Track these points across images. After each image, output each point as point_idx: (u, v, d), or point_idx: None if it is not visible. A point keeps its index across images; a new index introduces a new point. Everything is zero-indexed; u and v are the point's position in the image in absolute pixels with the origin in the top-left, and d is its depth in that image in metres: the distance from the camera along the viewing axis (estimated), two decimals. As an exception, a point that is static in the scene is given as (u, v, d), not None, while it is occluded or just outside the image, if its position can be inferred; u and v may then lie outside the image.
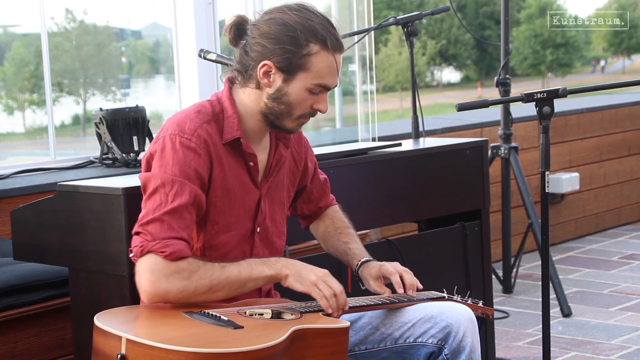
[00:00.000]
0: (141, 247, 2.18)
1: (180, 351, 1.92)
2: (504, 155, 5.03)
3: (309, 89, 2.32)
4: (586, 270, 5.55)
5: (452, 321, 2.35)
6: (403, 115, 28.90)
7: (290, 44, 2.28)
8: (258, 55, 2.31)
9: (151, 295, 2.17)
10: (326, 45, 2.30)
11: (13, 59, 21.09)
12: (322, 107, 2.36)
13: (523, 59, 38.89)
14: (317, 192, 2.68)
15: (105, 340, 2.02)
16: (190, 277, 2.18)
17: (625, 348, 4.11)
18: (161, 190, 2.22)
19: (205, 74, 4.88)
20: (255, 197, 2.41)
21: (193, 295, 2.19)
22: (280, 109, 2.34)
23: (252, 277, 2.24)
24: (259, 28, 2.32)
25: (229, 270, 2.22)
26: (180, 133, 2.27)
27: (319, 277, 2.27)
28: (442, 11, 4.38)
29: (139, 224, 2.21)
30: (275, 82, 2.32)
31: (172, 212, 2.20)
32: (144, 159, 2.32)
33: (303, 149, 2.60)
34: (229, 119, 2.35)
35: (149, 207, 2.22)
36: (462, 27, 37.51)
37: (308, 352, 2.11)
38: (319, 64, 2.30)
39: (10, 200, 3.72)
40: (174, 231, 2.19)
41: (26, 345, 3.21)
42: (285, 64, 2.29)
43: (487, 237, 3.58)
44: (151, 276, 2.16)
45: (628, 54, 41.26)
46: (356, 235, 2.65)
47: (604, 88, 2.93)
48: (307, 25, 2.29)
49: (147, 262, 2.17)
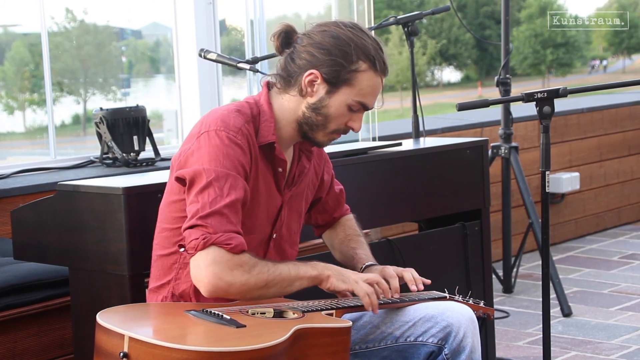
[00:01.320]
0: (204, 239, 2.16)
1: (182, 350, 1.92)
2: (504, 155, 5.03)
3: (349, 104, 2.34)
4: (586, 270, 5.55)
5: (452, 321, 2.35)
6: (403, 115, 28.90)
7: (340, 57, 2.30)
8: (306, 63, 2.33)
9: (214, 287, 2.16)
10: (374, 66, 2.33)
11: (13, 58, 21.06)
12: (356, 126, 2.38)
13: (523, 58, 38.88)
14: (332, 203, 2.69)
15: (107, 339, 2.02)
16: (250, 271, 2.19)
17: (626, 348, 4.11)
18: (215, 184, 2.20)
19: (206, 73, 4.88)
20: (277, 203, 2.42)
21: (252, 289, 2.20)
22: (318, 120, 2.35)
23: (299, 276, 2.27)
24: (311, 37, 2.34)
25: (281, 268, 2.25)
26: (226, 129, 2.26)
27: (359, 276, 2.32)
28: (443, 11, 4.38)
29: (197, 217, 2.18)
30: (318, 92, 2.34)
31: (230, 206, 2.19)
32: (182, 154, 2.29)
33: (322, 161, 2.62)
34: (266, 123, 2.35)
35: (204, 200, 2.19)
36: (462, 27, 37.52)
37: (310, 351, 2.11)
38: (364, 82, 2.33)
39: (10, 200, 3.72)
40: (233, 225, 2.19)
41: (26, 345, 3.21)
42: (332, 75, 2.31)
43: (488, 236, 3.58)
44: (216, 268, 2.15)
45: (628, 53, 41.26)
46: (366, 243, 2.66)
47: (604, 88, 2.93)
48: (359, 43, 2.32)
49: (211, 254, 2.16)
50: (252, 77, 5.05)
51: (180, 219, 2.28)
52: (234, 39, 7.14)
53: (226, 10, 5.38)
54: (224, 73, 5.17)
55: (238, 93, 7.61)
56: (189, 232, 2.19)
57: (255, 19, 5.05)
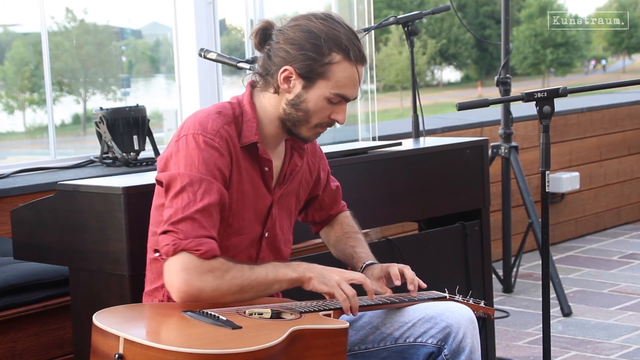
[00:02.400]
0: (174, 245, 2.16)
1: (177, 352, 1.91)
2: (504, 154, 5.03)
3: (327, 97, 2.32)
4: (586, 270, 5.55)
5: (452, 322, 2.34)
6: (403, 114, 28.90)
7: (312, 51, 2.29)
8: (280, 60, 2.32)
9: (185, 294, 2.16)
10: (348, 56, 2.30)
11: (13, 58, 21.06)
12: (340, 117, 2.36)
13: (523, 58, 38.88)
14: (328, 200, 2.68)
15: (103, 340, 2.02)
16: (223, 276, 2.17)
17: (626, 347, 4.11)
18: (189, 189, 2.20)
19: (206, 73, 4.88)
20: (267, 202, 2.41)
21: (225, 295, 2.18)
22: (298, 115, 2.34)
23: (277, 279, 2.24)
24: (284, 33, 2.33)
25: (257, 272, 2.22)
26: (203, 132, 2.26)
27: (341, 277, 2.28)
28: (443, 10, 4.38)
29: (169, 223, 2.18)
30: (294, 88, 2.32)
31: (202, 211, 2.19)
32: (161, 158, 2.30)
33: (317, 159, 2.61)
34: (248, 123, 2.35)
35: (178, 205, 2.19)
36: (462, 27, 37.51)
37: (307, 352, 2.11)
38: (340, 74, 2.30)
39: (10, 200, 3.72)
40: (206, 230, 2.18)
41: (25, 345, 3.21)
42: (305, 70, 2.30)
43: (488, 236, 3.58)
44: (185, 274, 2.14)
45: (628, 53, 41.26)
46: (364, 240, 2.65)
47: (604, 87, 2.93)
48: (331, 35, 2.29)
49: (181, 260, 2.15)
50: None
51: None
52: (234, 39, 7.14)
53: (226, 10, 5.38)
54: (224, 73, 5.17)
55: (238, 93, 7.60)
56: (162, 237, 2.19)
57: (255, 18, 5.05)
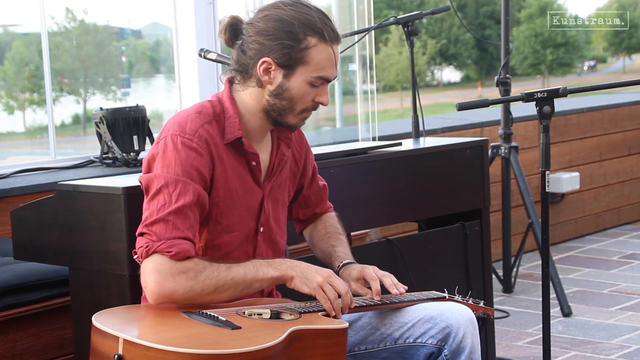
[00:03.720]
0: (146, 247, 2.17)
1: (176, 352, 1.91)
2: (504, 154, 5.03)
3: (309, 82, 2.32)
4: (586, 270, 5.55)
5: (452, 322, 2.34)
6: (403, 114, 28.90)
7: (288, 39, 2.28)
8: (256, 53, 2.31)
9: (157, 295, 2.16)
10: (324, 37, 2.30)
11: (13, 58, 21.07)
12: (324, 99, 2.36)
13: (523, 58, 38.88)
14: (314, 198, 2.67)
15: (102, 341, 2.02)
16: (196, 277, 2.17)
17: (626, 348, 4.11)
18: (165, 191, 2.21)
19: (206, 73, 4.88)
20: (258, 196, 2.41)
21: (199, 295, 2.18)
22: (283, 104, 2.34)
23: (257, 278, 2.24)
24: (255, 26, 2.32)
25: (234, 271, 2.22)
26: (181, 133, 2.26)
27: (325, 279, 2.26)
28: (443, 10, 4.38)
29: (143, 225, 2.20)
30: (276, 79, 2.32)
31: (176, 212, 2.19)
32: (145, 160, 2.31)
33: (304, 149, 2.60)
34: (230, 119, 2.34)
35: (153, 207, 2.20)
36: (462, 27, 37.50)
37: (306, 352, 2.11)
38: (318, 57, 2.30)
39: (10, 200, 3.72)
40: (179, 231, 2.19)
41: (26, 345, 3.21)
42: (284, 59, 2.29)
43: (487, 236, 3.58)
44: (157, 276, 2.15)
45: (628, 53, 41.26)
46: (346, 241, 2.64)
47: (604, 87, 2.93)
48: (303, 19, 2.29)
49: (153, 262, 2.16)
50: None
51: None
52: (234, 39, 7.13)
53: (226, 10, 5.38)
54: (224, 73, 5.17)
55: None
56: (138, 239, 2.21)
57: (255, 18, 5.04)
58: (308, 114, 2.39)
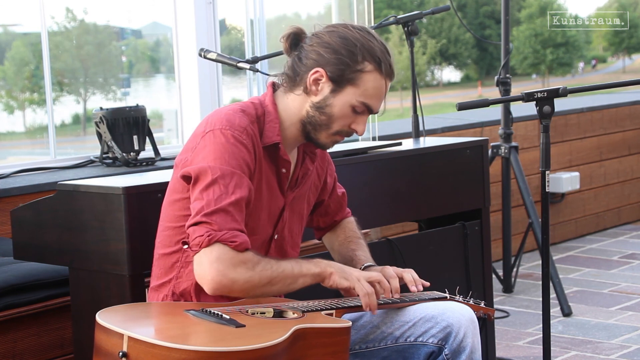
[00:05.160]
0: (209, 236, 2.16)
1: (181, 349, 1.91)
2: (504, 154, 5.03)
3: (353, 105, 2.34)
4: (586, 270, 5.55)
5: (452, 321, 2.35)
6: (403, 114, 28.89)
7: (346, 57, 2.31)
8: (313, 62, 2.34)
9: (218, 284, 2.17)
10: (380, 68, 2.33)
11: (13, 58, 21.07)
12: (360, 128, 2.38)
13: (523, 58, 38.89)
14: (334, 206, 2.69)
15: (107, 338, 2.02)
16: (254, 268, 2.19)
17: (626, 347, 4.11)
18: (221, 182, 2.20)
19: (206, 73, 4.88)
20: (280, 204, 2.42)
21: (255, 286, 2.21)
22: (321, 119, 2.35)
23: (302, 273, 2.27)
24: (320, 37, 2.35)
25: (284, 265, 2.25)
26: (231, 128, 2.27)
27: (361, 275, 2.32)
28: (443, 10, 4.38)
29: (202, 214, 2.18)
30: (323, 91, 2.34)
31: (235, 204, 2.20)
32: (185, 155, 2.29)
33: (325, 164, 2.62)
34: (271, 123, 2.36)
35: (209, 197, 2.19)
36: (462, 27, 37.51)
37: (309, 351, 2.11)
38: (369, 83, 2.33)
39: (10, 200, 3.72)
40: (238, 223, 2.20)
41: (26, 345, 3.21)
42: (337, 74, 2.32)
43: (488, 236, 3.58)
44: (220, 265, 2.16)
45: (628, 53, 41.27)
46: (366, 245, 2.66)
47: (604, 87, 2.93)
48: (366, 45, 2.32)
49: (215, 251, 2.16)
50: (252, 77, 5.05)
51: (183, 217, 2.28)
52: (234, 39, 7.15)
53: (226, 10, 5.38)
54: (224, 73, 5.17)
55: (238, 93, 7.61)
56: (193, 229, 2.19)
57: (255, 18, 5.05)
58: (340, 138, 2.41)
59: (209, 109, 4.80)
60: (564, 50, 39.09)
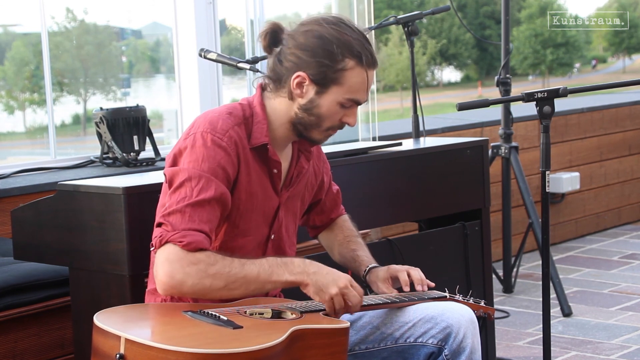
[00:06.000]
0: (160, 237, 2.17)
1: (178, 351, 1.91)
2: (505, 154, 5.03)
3: (340, 102, 2.33)
4: (586, 270, 5.55)
5: (452, 322, 2.35)
6: (403, 114, 28.90)
7: (325, 58, 2.29)
8: (292, 65, 2.32)
9: (167, 285, 2.16)
10: (361, 61, 2.31)
11: (13, 58, 21.08)
12: (351, 120, 2.37)
13: (523, 58, 38.88)
14: (329, 204, 2.69)
15: (104, 340, 2.02)
16: (207, 270, 2.16)
17: (626, 348, 4.11)
18: (187, 185, 2.21)
19: (206, 73, 4.88)
20: (274, 204, 2.42)
21: (208, 289, 2.17)
22: (311, 120, 2.35)
23: (270, 280, 2.22)
24: (295, 39, 2.33)
25: (248, 269, 2.20)
26: (212, 131, 2.27)
27: (340, 289, 2.24)
28: (443, 10, 4.38)
29: (161, 215, 2.20)
30: (307, 94, 2.33)
31: (194, 205, 2.19)
32: (170, 154, 2.31)
33: (322, 163, 2.62)
34: (259, 124, 2.35)
35: (173, 199, 2.21)
36: (462, 27, 37.51)
37: (308, 352, 2.11)
38: (353, 79, 2.32)
39: (10, 200, 3.72)
40: (194, 223, 2.18)
41: (26, 345, 3.21)
42: (319, 77, 2.31)
43: (488, 236, 3.58)
44: (168, 266, 2.15)
45: (628, 53, 41.26)
46: (364, 244, 2.66)
47: (604, 88, 2.92)
48: (343, 40, 2.30)
49: (165, 252, 2.16)
50: (252, 77, 5.05)
51: None
52: (234, 39, 7.15)
53: (226, 10, 5.38)
54: (224, 73, 5.17)
55: (238, 93, 7.61)
56: (154, 230, 2.21)
57: (255, 18, 5.05)
58: (333, 132, 2.40)
59: (208, 109, 4.79)
60: (564, 51, 39.08)
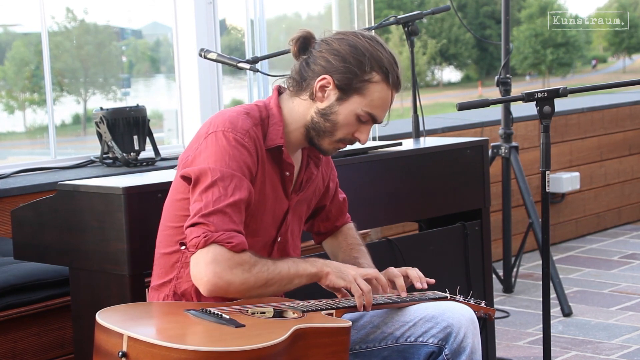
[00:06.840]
0: (205, 237, 2.17)
1: (181, 349, 1.92)
2: (505, 154, 5.03)
3: (358, 114, 2.35)
4: (587, 270, 5.55)
5: (453, 321, 2.35)
6: (403, 114, 28.84)
7: (354, 66, 2.32)
8: (321, 68, 2.34)
9: (213, 286, 2.17)
10: (387, 79, 2.34)
11: (13, 58, 21.05)
12: (363, 137, 2.39)
13: (523, 58, 38.88)
14: (335, 212, 2.70)
15: (107, 338, 2.03)
16: (250, 269, 2.20)
17: (626, 348, 4.11)
18: (220, 184, 2.21)
19: (206, 73, 4.88)
20: (284, 207, 2.43)
21: (251, 288, 2.21)
22: (326, 126, 2.36)
23: (298, 273, 2.28)
24: (329, 44, 2.35)
25: (280, 266, 2.26)
26: (233, 130, 2.27)
27: (358, 273, 2.33)
28: (443, 10, 4.38)
29: (199, 215, 2.19)
30: (329, 98, 2.35)
31: (233, 205, 2.21)
32: (187, 155, 2.30)
33: (329, 169, 2.63)
34: (275, 126, 2.36)
35: (208, 199, 2.20)
36: (462, 27, 37.51)
37: (309, 351, 2.11)
38: (376, 94, 2.34)
39: (10, 200, 3.72)
40: (235, 224, 2.20)
41: (26, 345, 3.21)
42: (344, 83, 2.32)
43: (488, 236, 3.58)
44: (216, 267, 2.16)
45: (628, 53, 41.25)
46: (367, 252, 2.67)
47: (604, 87, 2.93)
48: (375, 55, 2.33)
49: (211, 252, 2.17)
50: (252, 77, 5.05)
51: (184, 217, 2.29)
52: (234, 39, 7.14)
53: (226, 10, 5.38)
54: (224, 73, 5.17)
55: (238, 93, 7.61)
56: (190, 230, 2.20)
57: (255, 18, 5.05)
58: (343, 145, 2.42)
59: (209, 109, 4.80)
60: (564, 51, 39.07)
